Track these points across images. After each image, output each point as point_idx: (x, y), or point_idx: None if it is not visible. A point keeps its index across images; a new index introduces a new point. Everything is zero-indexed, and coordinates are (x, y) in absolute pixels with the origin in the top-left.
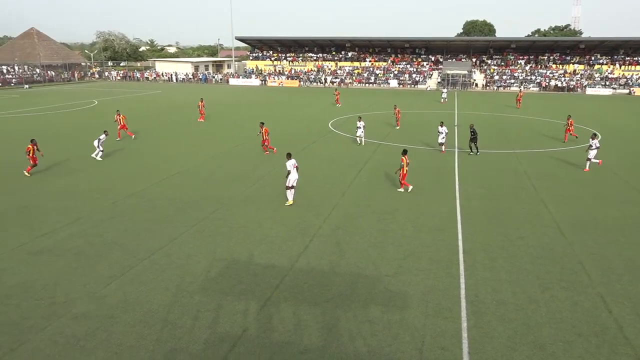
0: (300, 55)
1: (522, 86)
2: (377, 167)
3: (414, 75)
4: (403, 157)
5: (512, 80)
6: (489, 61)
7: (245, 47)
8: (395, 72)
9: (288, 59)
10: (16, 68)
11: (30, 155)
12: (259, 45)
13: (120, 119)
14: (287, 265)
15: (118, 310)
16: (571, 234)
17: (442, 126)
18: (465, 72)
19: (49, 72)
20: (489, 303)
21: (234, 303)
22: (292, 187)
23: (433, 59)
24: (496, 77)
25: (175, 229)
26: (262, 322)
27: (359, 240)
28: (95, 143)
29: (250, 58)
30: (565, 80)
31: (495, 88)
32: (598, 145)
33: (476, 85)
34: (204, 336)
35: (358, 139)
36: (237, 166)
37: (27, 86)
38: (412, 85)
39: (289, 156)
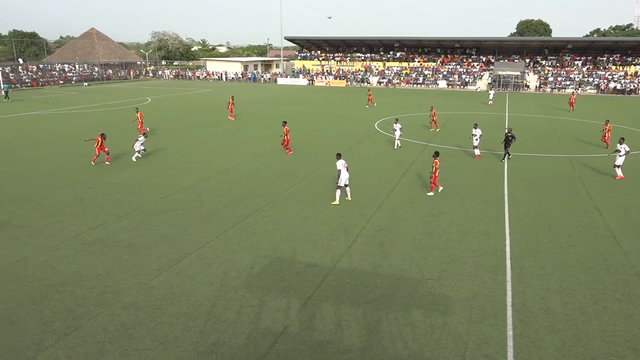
0: (348, 55)
1: (578, 88)
2: (423, 169)
3: (463, 76)
4: (436, 160)
5: (568, 82)
6: (544, 62)
7: (294, 47)
8: (445, 73)
9: (336, 58)
10: (76, 66)
11: (98, 146)
12: (308, 45)
13: (139, 117)
14: (329, 265)
15: (165, 302)
16: (628, 243)
17: (475, 128)
18: (518, 73)
19: (106, 70)
20: (536, 312)
21: (276, 300)
22: (345, 186)
23: (484, 59)
24: (550, 79)
25: (221, 224)
26: (303, 320)
27: (403, 242)
28: (136, 146)
29: (299, 58)
30: (625, 82)
31: (549, 90)
32: (628, 149)
33: (528, 87)
34: (247, 331)
35: (397, 142)
36: (282, 164)
37: (86, 84)
38: (462, 87)
39: (338, 156)
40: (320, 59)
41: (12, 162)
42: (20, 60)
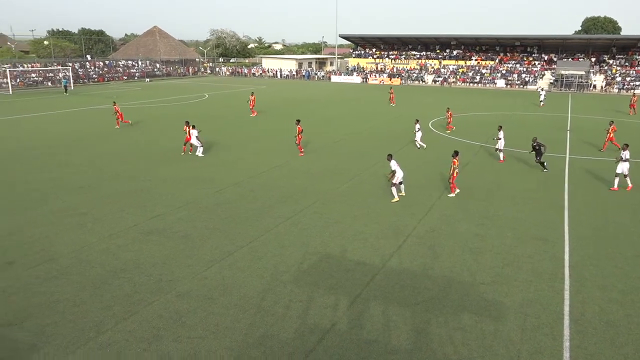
0: (403, 53)
1: None
2: (477, 170)
3: (523, 75)
4: (454, 160)
5: (638, 83)
6: (611, 61)
7: (349, 44)
8: (503, 72)
9: (390, 56)
10: (139, 63)
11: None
12: (362, 43)
13: (116, 109)
14: (379, 264)
15: (217, 293)
16: None
17: (500, 130)
18: (582, 72)
19: (167, 67)
20: (596, 323)
21: (325, 296)
22: (400, 183)
23: (546, 58)
24: (618, 79)
25: (273, 219)
26: (351, 318)
27: (455, 244)
28: (195, 142)
29: (353, 55)
30: None
31: (616, 90)
32: (628, 157)
33: (594, 87)
34: (295, 325)
35: (417, 143)
36: (335, 162)
37: (148, 80)
38: (521, 86)
39: (389, 157)
40: (375, 57)
41: (77, 152)
42: (88, 57)
